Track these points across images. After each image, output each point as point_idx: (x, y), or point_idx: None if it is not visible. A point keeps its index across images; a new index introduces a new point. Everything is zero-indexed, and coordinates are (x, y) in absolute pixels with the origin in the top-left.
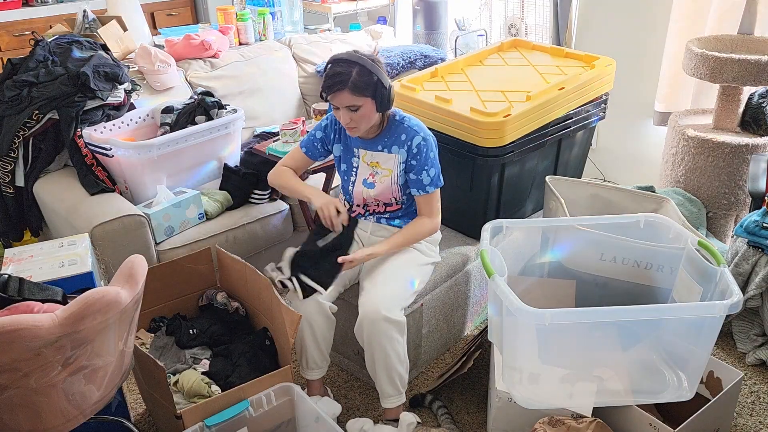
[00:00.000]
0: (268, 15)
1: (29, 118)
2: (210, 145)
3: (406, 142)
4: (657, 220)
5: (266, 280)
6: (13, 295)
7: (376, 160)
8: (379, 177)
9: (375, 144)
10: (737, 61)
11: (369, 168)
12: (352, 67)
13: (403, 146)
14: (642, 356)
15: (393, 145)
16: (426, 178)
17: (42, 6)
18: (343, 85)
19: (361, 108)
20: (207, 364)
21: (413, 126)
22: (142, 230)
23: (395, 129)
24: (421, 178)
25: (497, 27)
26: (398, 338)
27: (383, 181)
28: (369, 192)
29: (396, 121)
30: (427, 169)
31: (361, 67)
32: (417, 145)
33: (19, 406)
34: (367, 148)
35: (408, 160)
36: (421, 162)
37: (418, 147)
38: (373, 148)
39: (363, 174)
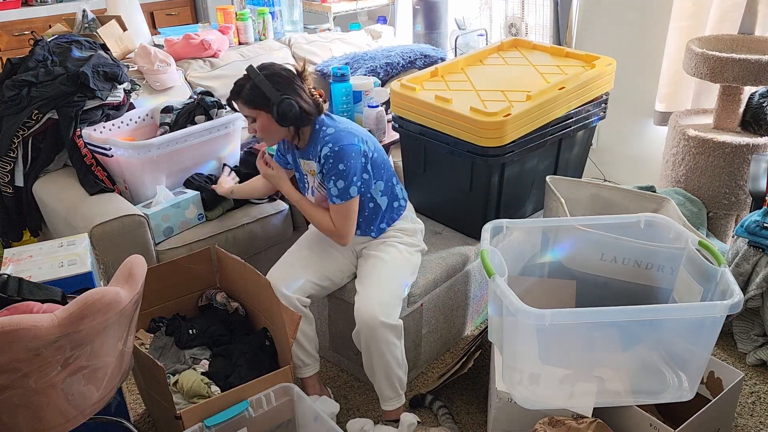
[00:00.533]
0: (267, 14)
1: (28, 118)
2: (210, 145)
3: (318, 153)
4: (657, 220)
5: (266, 280)
6: (12, 295)
7: (311, 168)
8: (315, 185)
9: (306, 153)
10: (738, 61)
11: (312, 177)
12: (246, 81)
13: (315, 156)
14: (642, 356)
15: (312, 155)
16: (333, 188)
17: (41, 6)
18: (235, 96)
19: (258, 120)
20: (207, 365)
21: (326, 136)
22: (142, 230)
23: (315, 138)
24: (329, 187)
25: (497, 26)
26: (396, 342)
27: (317, 189)
28: (312, 198)
29: (315, 131)
30: (334, 179)
31: (252, 83)
32: (324, 155)
33: (19, 407)
34: (302, 158)
35: (321, 170)
36: (328, 171)
37: (325, 157)
38: (305, 157)
39: (311, 182)
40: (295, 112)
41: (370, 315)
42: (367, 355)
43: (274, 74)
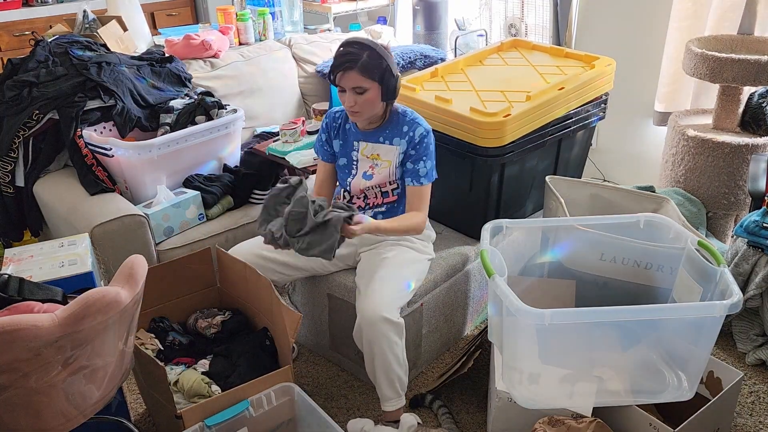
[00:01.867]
0: (268, 15)
1: (29, 118)
2: (210, 145)
3: (408, 133)
4: (657, 220)
5: (266, 280)
6: (13, 295)
7: (376, 152)
8: (378, 169)
9: (376, 135)
10: (737, 61)
11: (369, 161)
12: (363, 50)
13: (404, 137)
14: (642, 356)
15: (395, 137)
16: (422, 169)
17: (42, 6)
18: (352, 65)
19: (368, 92)
20: (207, 364)
21: (416, 119)
22: (142, 230)
23: (397, 121)
24: (417, 167)
25: (497, 27)
26: (397, 341)
27: (381, 172)
28: (367, 183)
29: (399, 114)
30: (425, 160)
31: (372, 51)
32: (420, 134)
33: (19, 406)
34: (367, 140)
35: (408, 150)
36: (420, 152)
37: (420, 137)
38: (374, 140)
39: (363, 167)
40: (399, 90)
41: (372, 310)
42: (368, 353)
43: (385, 47)
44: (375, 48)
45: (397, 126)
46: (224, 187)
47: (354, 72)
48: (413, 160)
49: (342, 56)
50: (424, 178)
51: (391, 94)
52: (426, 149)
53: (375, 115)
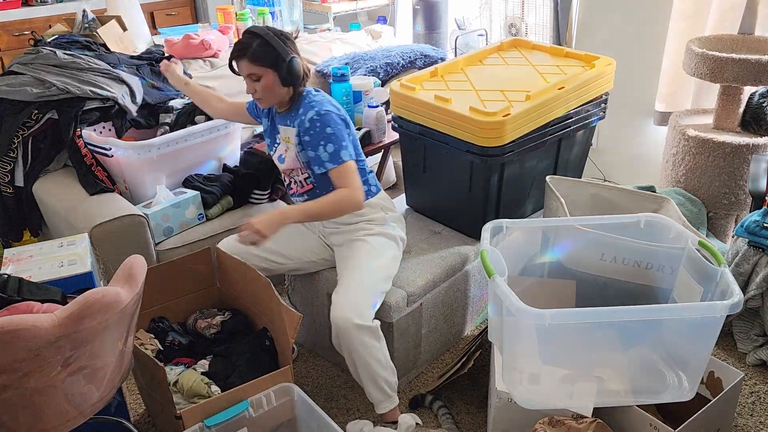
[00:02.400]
0: (267, 14)
1: (28, 118)
2: (210, 145)
3: (300, 117)
4: (657, 220)
5: (266, 280)
6: (12, 295)
7: (287, 135)
8: (288, 152)
9: (284, 119)
10: (738, 61)
11: (284, 144)
12: (254, 39)
13: (295, 121)
14: (642, 356)
15: (295, 120)
16: (324, 154)
17: (41, 6)
18: (242, 53)
19: (263, 78)
20: (206, 365)
21: (313, 101)
22: (142, 230)
23: (301, 105)
24: (318, 154)
25: (497, 27)
26: (374, 344)
27: (290, 156)
28: (281, 166)
29: (302, 97)
30: (323, 144)
31: (262, 39)
32: (310, 119)
33: (19, 407)
34: (280, 123)
35: (301, 136)
36: (315, 137)
37: (310, 121)
38: (283, 123)
39: (280, 150)
40: (300, 73)
41: (343, 318)
42: (349, 361)
43: (280, 33)
44: (265, 36)
45: (297, 109)
46: (224, 187)
47: (245, 60)
48: (312, 147)
49: (236, 45)
50: (329, 162)
51: (290, 78)
52: (321, 133)
53: (282, 100)
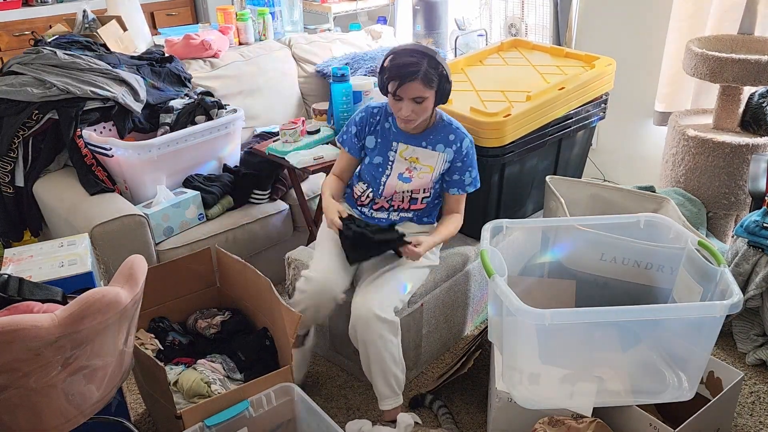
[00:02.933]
0: (267, 15)
1: (29, 118)
2: (210, 145)
3: (455, 143)
4: (657, 220)
5: (266, 280)
6: (12, 295)
7: (416, 155)
8: (417, 172)
9: (419, 140)
10: (737, 61)
11: (406, 163)
12: (423, 59)
13: (451, 146)
14: (642, 356)
15: (438, 144)
16: (468, 178)
17: (42, 6)
18: (415, 76)
19: (426, 100)
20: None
21: (460, 127)
22: (142, 230)
23: (443, 128)
24: (463, 178)
25: (497, 27)
26: (391, 339)
27: (422, 177)
28: (404, 186)
29: (443, 121)
30: (470, 170)
31: (431, 59)
32: (466, 146)
33: (19, 407)
34: (408, 143)
35: (454, 161)
36: (467, 163)
37: (467, 148)
38: (416, 143)
39: (399, 168)
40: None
41: (365, 308)
42: (363, 351)
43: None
44: (434, 55)
45: (441, 132)
46: (224, 187)
47: (417, 82)
48: (460, 171)
49: (402, 67)
50: (469, 186)
51: (444, 99)
52: (472, 159)
53: (422, 121)
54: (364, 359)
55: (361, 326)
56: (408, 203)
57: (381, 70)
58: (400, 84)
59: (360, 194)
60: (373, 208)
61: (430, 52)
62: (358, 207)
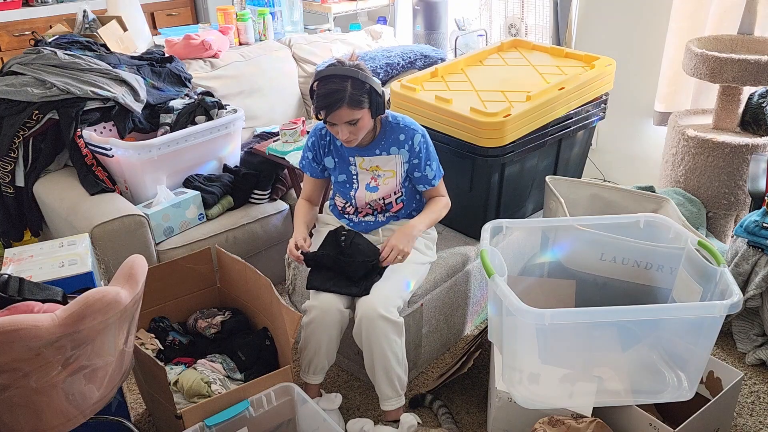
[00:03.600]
0: (268, 15)
1: (29, 118)
2: (210, 145)
3: (406, 142)
4: (657, 220)
5: (266, 280)
6: (13, 295)
7: (375, 164)
8: (382, 179)
9: (371, 149)
10: (737, 61)
11: (369, 173)
12: (345, 81)
13: (403, 146)
14: (642, 356)
15: (392, 147)
16: (430, 172)
17: (42, 6)
18: (341, 102)
19: (360, 120)
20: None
21: (409, 125)
22: (142, 230)
23: (391, 131)
24: (426, 173)
25: (497, 27)
26: (396, 339)
27: (387, 183)
28: (373, 195)
29: (390, 123)
30: (429, 163)
31: (353, 80)
32: (418, 142)
33: (19, 406)
34: (363, 155)
35: (411, 159)
36: (423, 158)
37: (419, 144)
38: (371, 154)
39: (365, 180)
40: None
41: (371, 308)
42: (367, 351)
43: (360, 66)
44: (355, 75)
45: (391, 135)
46: (224, 187)
47: (344, 109)
48: (420, 168)
49: (327, 96)
50: (434, 179)
51: (381, 110)
52: (427, 152)
53: (367, 134)
54: (368, 359)
55: (366, 326)
56: (385, 208)
57: (310, 94)
58: (328, 113)
59: (342, 207)
60: (359, 216)
61: (352, 73)
62: (346, 216)
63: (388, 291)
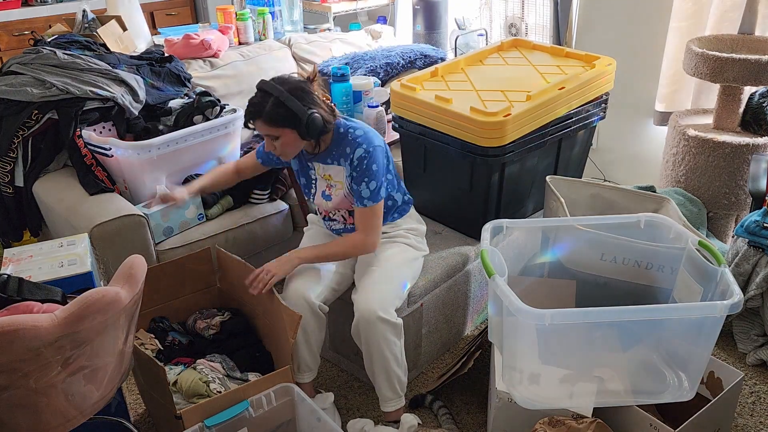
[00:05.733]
0: (267, 14)
1: (28, 118)
2: (209, 145)
3: (350, 155)
4: (657, 220)
5: None
6: (12, 295)
7: (328, 173)
8: (334, 189)
9: (324, 157)
10: (738, 61)
11: (324, 180)
12: (267, 98)
13: (347, 159)
14: (642, 356)
15: (341, 157)
16: (365, 191)
17: (41, 6)
18: (257, 116)
19: (281, 138)
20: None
21: (357, 138)
22: (142, 230)
23: (341, 141)
24: (360, 189)
25: (497, 26)
26: (395, 340)
27: (338, 194)
28: (327, 204)
29: (341, 134)
30: (366, 181)
31: (275, 99)
32: (358, 157)
33: (19, 407)
34: (319, 161)
35: (351, 173)
36: (360, 174)
37: (359, 159)
38: (324, 161)
39: (321, 186)
40: (320, 125)
41: (368, 309)
42: (366, 352)
43: (295, 88)
44: (279, 95)
45: (341, 145)
46: None
47: (260, 122)
48: (356, 182)
49: (248, 105)
50: (367, 200)
51: (313, 132)
52: (367, 170)
53: (307, 149)
54: (367, 360)
55: (364, 328)
56: (350, 217)
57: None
58: (245, 120)
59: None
60: (331, 219)
61: (276, 92)
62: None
63: (385, 292)
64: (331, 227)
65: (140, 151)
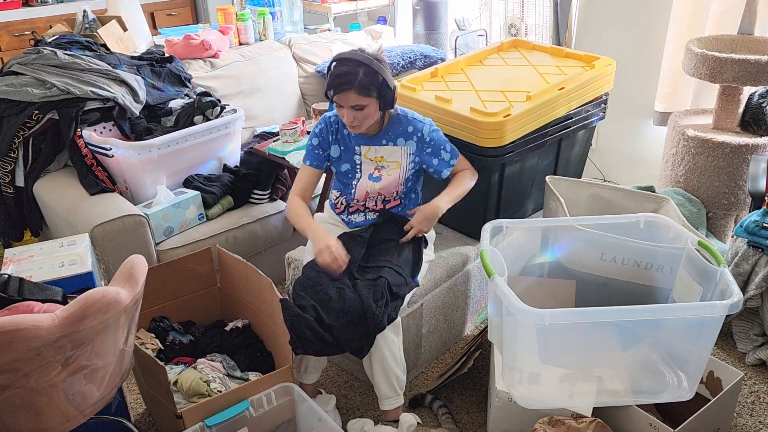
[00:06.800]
0: (268, 15)
1: (29, 118)
2: (210, 145)
3: (415, 134)
4: (657, 220)
5: (267, 280)
6: (13, 295)
7: (380, 154)
8: (385, 171)
9: (378, 139)
10: (737, 61)
11: (373, 163)
12: (358, 68)
13: (411, 138)
14: (642, 356)
15: (399, 138)
16: (446, 155)
17: (42, 6)
18: (349, 86)
19: (366, 108)
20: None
21: (416, 117)
22: (142, 230)
23: (398, 123)
24: (443, 157)
25: (497, 27)
26: (393, 338)
27: (390, 174)
28: (374, 185)
29: (398, 115)
30: (443, 148)
31: (367, 68)
32: (428, 132)
33: (19, 406)
34: (369, 144)
35: (422, 150)
36: (436, 146)
37: (429, 134)
38: (377, 143)
39: (368, 170)
40: (395, 98)
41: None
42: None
43: (378, 59)
44: (370, 64)
45: (399, 127)
46: (224, 187)
47: (352, 92)
48: (435, 154)
49: (338, 77)
50: (453, 159)
51: (390, 104)
52: (439, 140)
53: (374, 124)
54: (366, 359)
55: None
56: (382, 204)
57: (325, 76)
58: (335, 93)
59: (335, 201)
60: (348, 212)
61: (367, 61)
62: (338, 214)
63: None
64: (351, 221)
65: (141, 151)
